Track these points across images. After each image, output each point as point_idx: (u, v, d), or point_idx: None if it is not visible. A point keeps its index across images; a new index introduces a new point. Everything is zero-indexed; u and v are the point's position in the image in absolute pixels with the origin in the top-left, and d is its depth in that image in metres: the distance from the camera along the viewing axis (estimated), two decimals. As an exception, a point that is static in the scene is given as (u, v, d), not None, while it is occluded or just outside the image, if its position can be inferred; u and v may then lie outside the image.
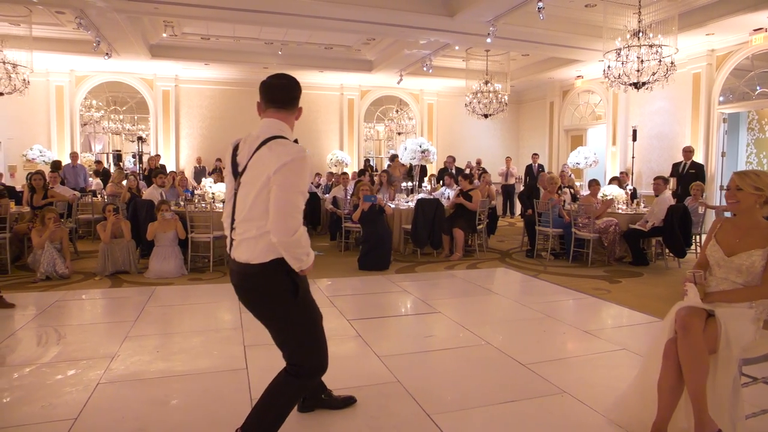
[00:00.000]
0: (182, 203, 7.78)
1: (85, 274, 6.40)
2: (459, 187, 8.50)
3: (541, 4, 7.80)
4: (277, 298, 2.15)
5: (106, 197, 9.33)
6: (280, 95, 2.26)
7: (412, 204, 8.69)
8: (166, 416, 2.76)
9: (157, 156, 12.33)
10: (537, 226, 8.01)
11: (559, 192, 8.13)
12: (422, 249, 8.12)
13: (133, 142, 14.77)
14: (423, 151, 9.93)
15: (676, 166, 9.90)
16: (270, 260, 2.08)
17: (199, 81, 13.79)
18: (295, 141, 2.23)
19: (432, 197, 8.66)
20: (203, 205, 7.65)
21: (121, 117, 14.07)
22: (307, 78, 14.27)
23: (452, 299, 5.52)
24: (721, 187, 10.32)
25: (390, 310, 5.09)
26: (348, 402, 2.87)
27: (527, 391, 3.13)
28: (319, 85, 14.70)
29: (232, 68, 13.07)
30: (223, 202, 7.65)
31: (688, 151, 9.70)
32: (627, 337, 4.23)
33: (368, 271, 6.91)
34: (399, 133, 16.49)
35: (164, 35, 10.99)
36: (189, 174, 12.96)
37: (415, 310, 5.03)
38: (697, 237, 7.51)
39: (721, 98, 10.27)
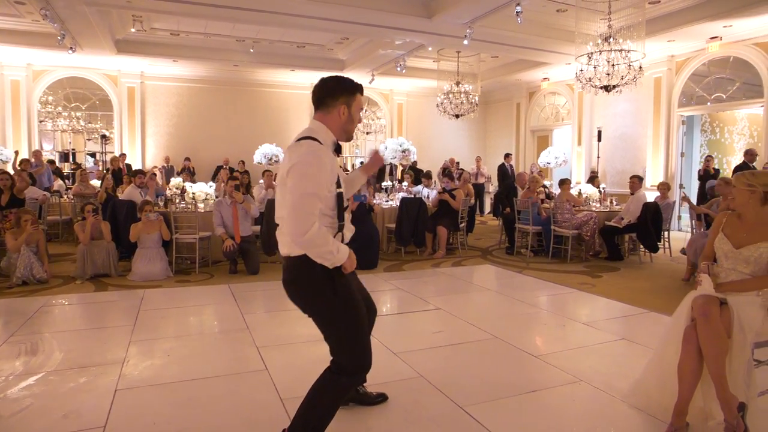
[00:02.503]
0: (160, 203, 7.58)
1: (64, 278, 6.14)
2: (443, 186, 8.64)
3: (519, 8, 8.04)
4: (315, 292, 2.18)
5: (73, 198, 8.95)
6: (316, 96, 2.28)
7: (392, 203, 8.78)
8: (200, 420, 2.72)
9: (123, 155, 11.91)
10: (516, 223, 8.24)
11: (537, 191, 8.39)
12: (406, 247, 8.21)
13: (90, 140, 14.22)
14: (403, 151, 10.03)
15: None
16: (304, 253, 2.12)
17: (166, 78, 13.40)
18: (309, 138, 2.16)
19: (415, 196, 8.76)
20: (183, 205, 7.49)
21: (79, 114, 13.47)
22: (277, 77, 14.14)
23: (448, 296, 5.62)
24: (681, 186, 10.90)
25: (392, 308, 5.14)
26: (381, 398, 2.91)
27: (546, 381, 3.25)
28: (289, 84, 14.57)
29: (201, 65, 12.77)
30: (204, 203, 7.50)
31: (750, 155, 9.11)
32: (623, 327, 4.45)
33: (357, 270, 6.90)
34: (367, 133, 16.53)
35: (132, 30, 10.63)
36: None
37: (416, 307, 5.10)
38: (667, 233, 7.91)
39: (683, 100, 10.85)
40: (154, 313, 4.76)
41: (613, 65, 8.04)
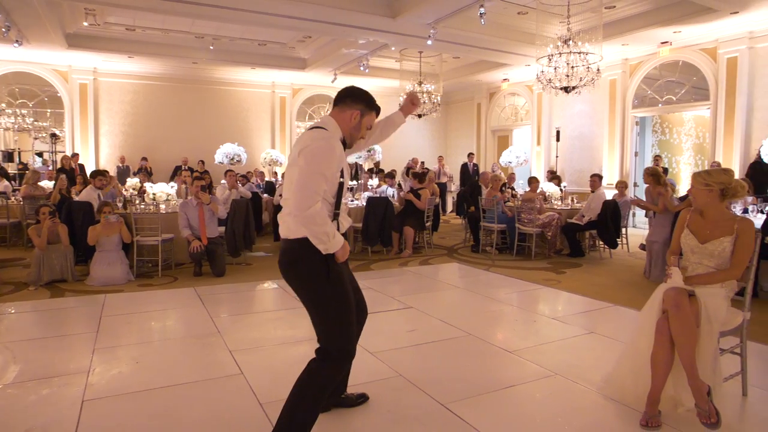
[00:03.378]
0: (119, 205, 7.30)
1: (15, 285, 5.80)
2: (411, 186, 8.67)
3: (482, 10, 8.17)
4: (310, 274, 2.26)
5: (21, 200, 8.48)
6: (339, 94, 2.49)
7: (358, 203, 8.75)
8: (177, 428, 2.62)
9: (75, 155, 11.40)
10: (481, 222, 8.36)
11: (503, 190, 8.54)
12: (372, 247, 8.20)
13: (37, 139, 13.55)
14: (369, 150, 10.00)
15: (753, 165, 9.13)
16: (304, 236, 2.23)
17: (121, 74, 12.91)
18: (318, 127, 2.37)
19: (381, 196, 8.76)
20: (143, 206, 7.24)
21: (25, 112, 12.81)
22: (238, 75, 13.86)
23: (418, 294, 5.65)
24: (635, 185, 11.34)
25: (362, 308, 5.11)
26: (362, 399, 2.89)
27: (522, 376, 3.31)
28: (250, 82, 14.31)
29: (158, 62, 12.36)
30: (166, 204, 7.27)
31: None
32: (590, 321, 4.58)
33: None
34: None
35: (85, 24, 10.17)
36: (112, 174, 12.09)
37: (388, 306, 5.10)
38: (625, 229, 8.21)
39: (636, 102, 11.29)
40: (117, 318, 4.56)
41: (572, 67, 8.29)
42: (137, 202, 7.23)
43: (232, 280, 6.17)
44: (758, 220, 5.82)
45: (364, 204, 8.22)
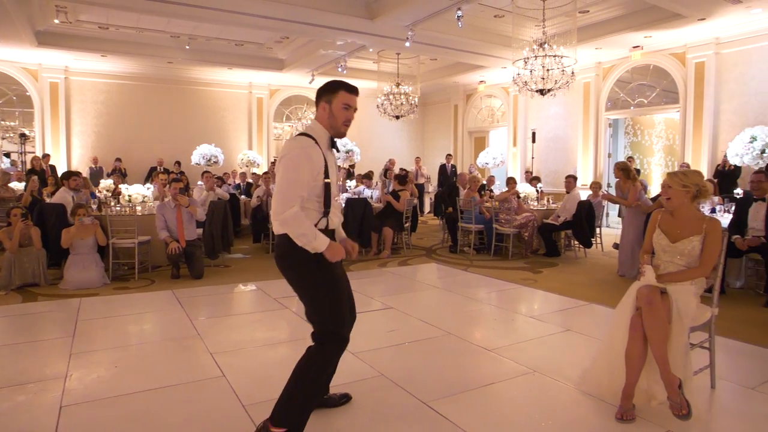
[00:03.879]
0: (93, 207, 7.16)
1: (-15, 289, 5.65)
2: (393, 188, 8.72)
3: (460, 13, 8.27)
4: (300, 263, 2.38)
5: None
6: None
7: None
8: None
9: (47, 156, 11.13)
10: (459, 222, 8.46)
11: (481, 191, 8.66)
12: (351, 248, 8.20)
13: (5, 138, 13.17)
14: (347, 151, 10.01)
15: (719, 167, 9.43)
16: None
17: (94, 74, 12.65)
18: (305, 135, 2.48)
19: (360, 197, 8.78)
20: (118, 208, 7.11)
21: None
22: (214, 75, 13.73)
23: (397, 294, 5.69)
24: (609, 185, 11.59)
25: (343, 309, 5.13)
26: (345, 399, 2.91)
27: (502, 373, 3.38)
28: (227, 82, 14.18)
29: (132, 61, 12.16)
30: (142, 205, 7.16)
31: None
32: (567, 319, 4.69)
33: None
34: (305, 132, 16.34)
35: (56, 21, 9.94)
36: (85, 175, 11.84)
37: (368, 306, 5.12)
38: (599, 229, 8.40)
39: (609, 104, 11.55)
40: (94, 322, 4.48)
41: (547, 70, 8.45)
42: (112, 203, 7.10)
43: (211, 282, 6.12)
44: (725, 220, 6.03)
45: (343, 205, 8.23)
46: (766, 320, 4.60)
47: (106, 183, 10.04)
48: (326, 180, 2.42)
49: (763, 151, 7.38)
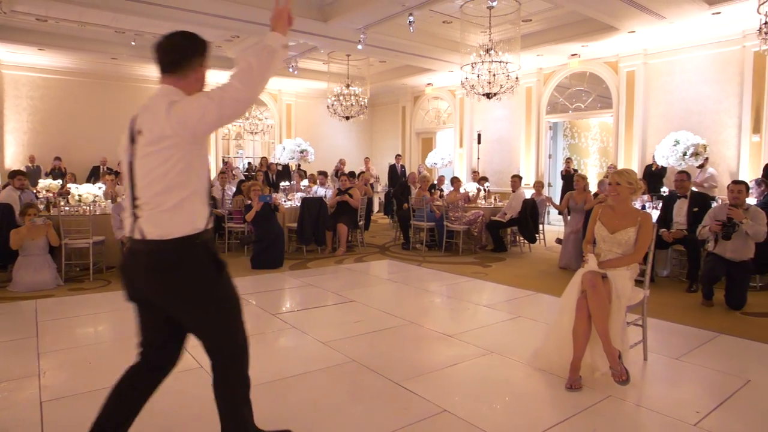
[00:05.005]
0: (41, 207, 6.94)
1: (-74, 293, 5.41)
2: (339, 186, 8.92)
3: (412, 18, 8.60)
4: (196, 277, 1.94)
5: None
6: (168, 57, 1.99)
7: (290, 203, 8.87)
8: (147, 421, 2.68)
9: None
10: (411, 220, 8.78)
11: (432, 190, 9.02)
12: (307, 246, 8.36)
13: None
14: (302, 152, 10.11)
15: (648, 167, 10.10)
16: (188, 234, 1.92)
17: (30, 68, 12.04)
18: None
19: (315, 196, 8.93)
20: (67, 208, 6.92)
21: None
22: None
23: (358, 289, 5.91)
24: (549, 185, 12.31)
25: (309, 302, 5.29)
26: None
27: (462, 355, 3.68)
28: (173, 80, 13.84)
29: (73, 56, 11.67)
30: (93, 205, 7.01)
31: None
32: (516, 307, 5.08)
33: (262, 269, 6.95)
34: (254, 133, 16.25)
35: (-11, 13, 9.44)
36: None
37: (331, 300, 5.32)
38: (542, 226, 8.95)
39: (549, 108, 12.25)
40: (57, 322, 4.44)
41: (493, 75, 8.92)
42: (62, 203, 6.90)
43: (170, 282, 6.10)
44: (652, 216, 6.65)
45: (299, 204, 8.36)
46: (688, 303, 5.17)
47: (44, 183, 9.66)
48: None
49: (685, 153, 8.14)
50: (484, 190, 9.67)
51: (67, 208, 6.87)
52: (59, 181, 9.78)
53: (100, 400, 2.91)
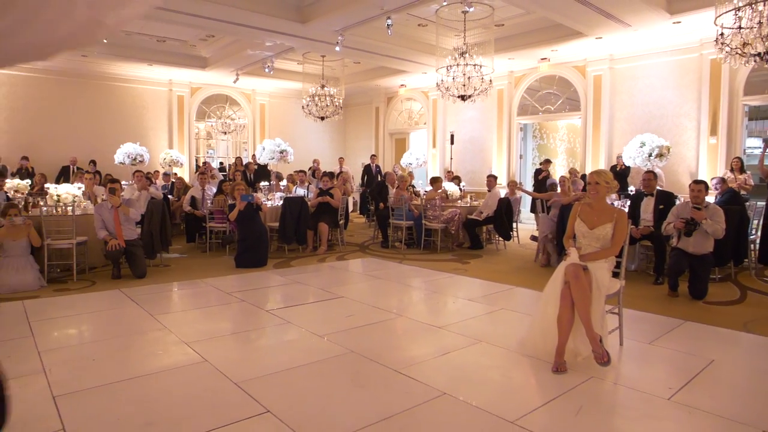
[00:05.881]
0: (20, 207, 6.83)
1: None
2: (321, 187, 9.04)
3: (390, 21, 8.80)
4: None
5: None
6: None
7: (271, 203, 8.94)
8: (164, 412, 2.81)
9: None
10: (390, 219, 8.99)
11: (409, 189, 9.25)
12: (289, 245, 8.46)
13: None
14: (281, 152, 10.18)
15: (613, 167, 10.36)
16: None
17: (-6, 66, 11.69)
18: None
19: (296, 196, 9.03)
20: (45, 208, 6.84)
21: None
22: (133, 71, 13.21)
23: (345, 285, 6.08)
24: (521, 183, 12.69)
25: (298, 299, 5.42)
26: None
27: (455, 344, 3.90)
28: (146, 79, 13.69)
29: (41, 54, 11.40)
30: (73, 205, 6.93)
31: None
32: (499, 300, 5.35)
33: (246, 268, 7.03)
34: (225, 132, 16.18)
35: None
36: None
37: (320, 297, 5.48)
38: (516, 224, 9.30)
39: (520, 110, 12.66)
40: (50, 322, 4.45)
41: (468, 78, 9.21)
42: (41, 203, 6.82)
43: (156, 281, 6.14)
44: (622, 212, 7.04)
45: (280, 204, 8.45)
46: (656, 294, 5.54)
47: (12, 183, 9.45)
48: None
49: (650, 155, 8.62)
50: (460, 189, 9.96)
51: (45, 209, 6.80)
52: (28, 181, 9.59)
53: (113, 393, 3.02)
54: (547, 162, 11.17)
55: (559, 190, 7.89)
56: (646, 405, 2.91)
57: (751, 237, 6.73)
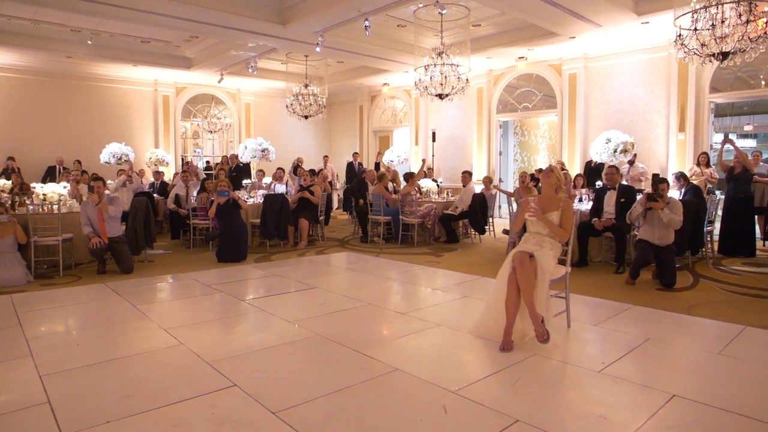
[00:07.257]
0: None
1: None
2: (301, 184, 9.31)
3: (368, 23, 9.08)
4: None
5: None
6: None
7: (252, 200, 9.20)
8: (143, 387, 3.07)
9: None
10: (369, 215, 9.28)
11: (394, 185, 9.55)
12: (270, 241, 8.72)
13: None
14: (263, 150, 10.43)
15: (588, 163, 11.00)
16: None
17: (-22, 66, 11.84)
18: None
19: (277, 193, 9.29)
20: (31, 208, 7.06)
21: None
22: (118, 72, 13.36)
23: (320, 277, 6.37)
24: (500, 180, 13.05)
25: (274, 290, 5.68)
26: None
27: (415, 328, 4.21)
28: (131, 79, 13.85)
29: (25, 54, 11.54)
30: (59, 203, 7.16)
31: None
32: (464, 290, 5.66)
33: (227, 263, 7.29)
34: (211, 132, 16.37)
35: (-61, 11, 9.32)
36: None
37: (295, 287, 5.76)
38: (491, 219, 9.63)
39: (500, 107, 12.99)
40: (37, 313, 4.70)
41: (445, 77, 9.50)
42: (27, 202, 7.04)
43: (141, 275, 6.38)
44: (589, 207, 7.38)
45: (262, 201, 8.71)
46: (612, 283, 5.88)
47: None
48: None
49: (615, 150, 8.97)
50: (437, 185, 10.27)
51: (32, 207, 7.02)
52: (11, 181, 9.81)
53: (95, 372, 3.30)
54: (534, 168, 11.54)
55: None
56: (578, 377, 3.23)
57: (708, 228, 7.09)
